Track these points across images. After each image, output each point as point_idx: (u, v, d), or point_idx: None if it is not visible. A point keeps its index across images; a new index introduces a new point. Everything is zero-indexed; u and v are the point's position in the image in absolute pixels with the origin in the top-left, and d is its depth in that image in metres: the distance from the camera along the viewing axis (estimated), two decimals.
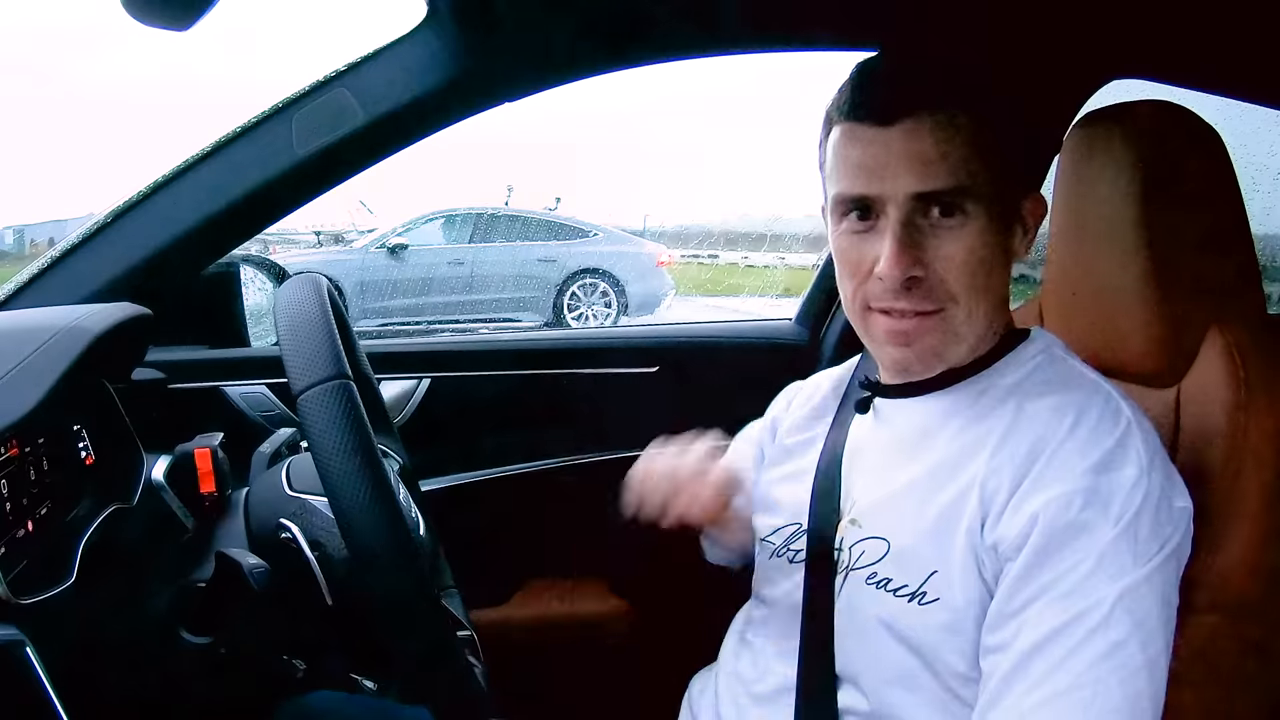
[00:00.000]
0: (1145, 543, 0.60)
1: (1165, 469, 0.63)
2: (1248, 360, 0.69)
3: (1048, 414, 0.66)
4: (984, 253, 0.67)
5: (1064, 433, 0.64)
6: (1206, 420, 0.70)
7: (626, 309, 6.36)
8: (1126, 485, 0.60)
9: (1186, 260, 0.73)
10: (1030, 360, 0.72)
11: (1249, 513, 0.66)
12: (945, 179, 0.65)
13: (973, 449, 0.67)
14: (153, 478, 0.87)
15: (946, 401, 0.72)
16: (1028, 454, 0.64)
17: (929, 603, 0.65)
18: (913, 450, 0.72)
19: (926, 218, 0.66)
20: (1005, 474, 0.64)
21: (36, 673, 0.65)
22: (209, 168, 1.07)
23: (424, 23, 1.05)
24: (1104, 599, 0.58)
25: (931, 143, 0.64)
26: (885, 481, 0.73)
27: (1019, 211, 0.71)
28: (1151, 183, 0.73)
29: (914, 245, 0.66)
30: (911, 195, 0.65)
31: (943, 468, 0.69)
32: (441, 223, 6.69)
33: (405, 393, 1.39)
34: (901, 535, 0.69)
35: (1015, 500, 0.63)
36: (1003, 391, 0.70)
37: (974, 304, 0.68)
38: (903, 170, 0.65)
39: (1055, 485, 0.62)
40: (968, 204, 0.65)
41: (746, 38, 1.22)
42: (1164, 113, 0.76)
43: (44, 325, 0.80)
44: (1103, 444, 0.62)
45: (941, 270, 0.66)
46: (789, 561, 0.79)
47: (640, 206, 14.73)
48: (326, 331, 0.67)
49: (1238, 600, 0.66)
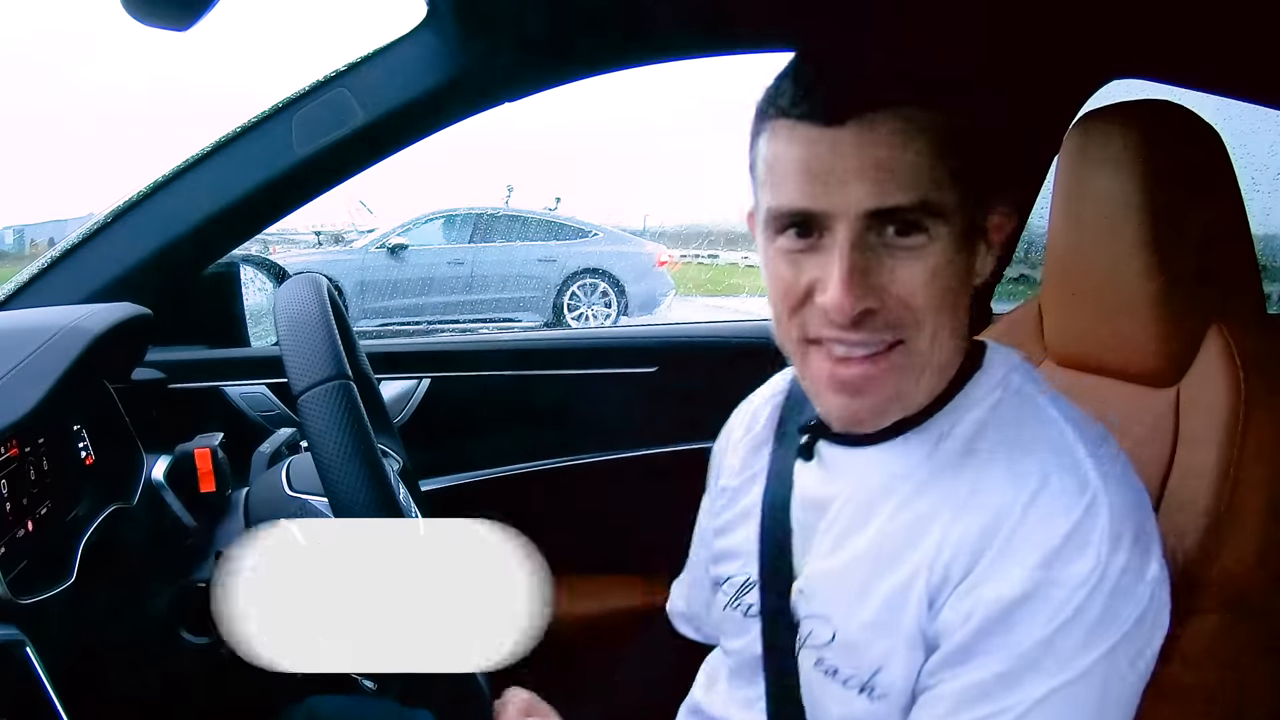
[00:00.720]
0: (1092, 633, 0.53)
1: (1135, 538, 0.55)
2: (1247, 360, 0.69)
3: (1005, 483, 0.57)
4: (948, 279, 0.56)
5: (1019, 511, 0.55)
6: (1206, 420, 0.70)
7: (626, 309, 6.36)
8: (1077, 578, 0.53)
9: (1186, 260, 0.73)
10: (990, 395, 0.62)
11: (1249, 512, 0.66)
12: (906, 192, 0.54)
13: (924, 524, 0.59)
14: (153, 478, 0.87)
15: (900, 456, 0.63)
16: (980, 536, 0.56)
17: (878, 697, 0.60)
18: (863, 516, 0.63)
19: (880, 236, 0.55)
20: (954, 561, 0.57)
21: (36, 673, 0.65)
22: (209, 168, 1.07)
23: (424, 23, 1.06)
24: (1020, 702, 0.53)
25: (890, 147, 0.53)
26: (832, 550, 0.64)
27: (984, 228, 0.60)
28: (1151, 182, 0.73)
29: (866, 271, 0.55)
30: (865, 212, 0.54)
31: (890, 543, 0.60)
32: (441, 223, 6.70)
33: (405, 393, 1.39)
34: (848, 623, 0.62)
35: (961, 590, 0.56)
36: (960, 443, 0.61)
37: (935, 339, 0.58)
38: (855, 181, 0.54)
39: (1000, 579, 0.54)
40: (930, 221, 0.55)
41: (748, 37, 1.22)
42: (1164, 112, 0.76)
43: (44, 325, 0.80)
44: (1058, 528, 0.54)
45: (899, 300, 0.56)
46: (743, 615, 0.72)
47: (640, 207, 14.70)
48: (326, 332, 0.67)
49: (1240, 599, 0.66)
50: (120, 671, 0.76)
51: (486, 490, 1.41)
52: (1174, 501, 0.69)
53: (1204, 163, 0.75)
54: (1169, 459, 0.71)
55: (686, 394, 1.43)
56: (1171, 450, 0.72)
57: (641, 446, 1.43)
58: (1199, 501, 0.67)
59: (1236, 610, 0.67)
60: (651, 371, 1.48)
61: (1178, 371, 0.73)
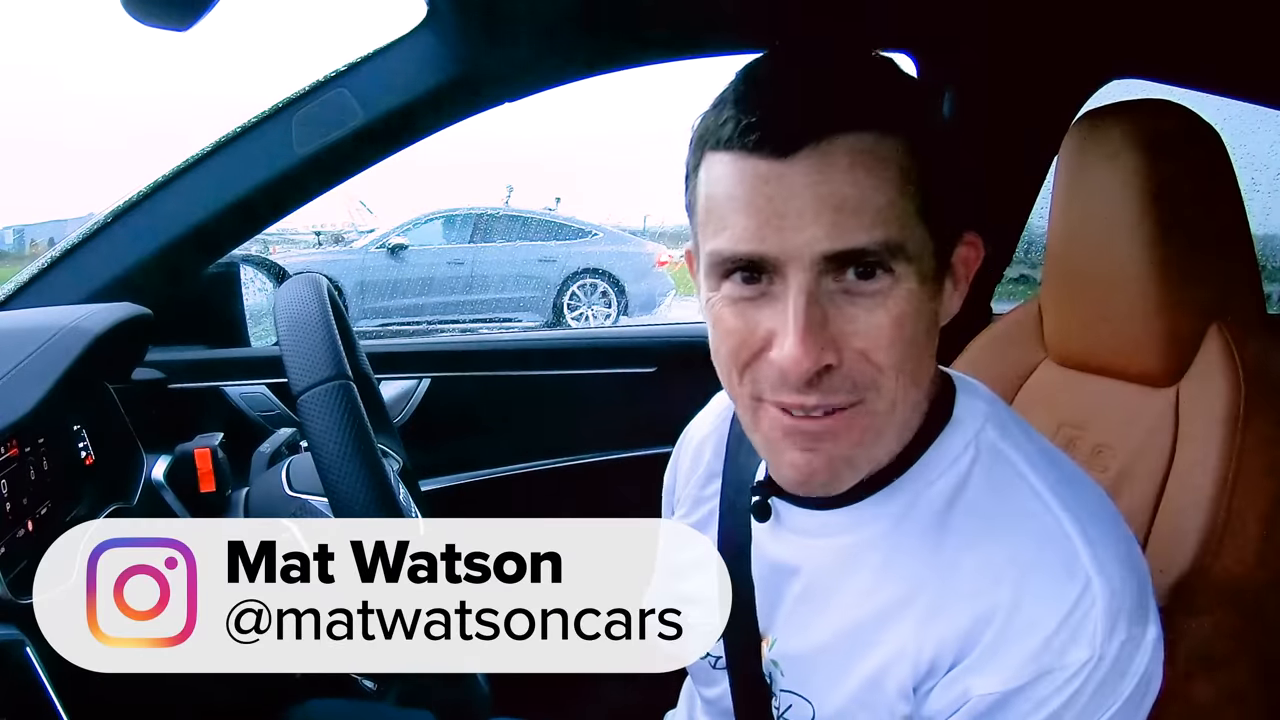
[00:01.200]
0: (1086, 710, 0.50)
1: (1131, 615, 0.51)
2: (1247, 360, 0.69)
3: (987, 575, 0.52)
4: (915, 328, 0.50)
5: (1008, 605, 0.51)
6: (1206, 419, 0.70)
7: (626, 309, 6.36)
8: (1073, 667, 0.49)
9: (1186, 260, 0.73)
10: (963, 455, 0.56)
11: (1249, 512, 0.66)
12: (869, 232, 0.47)
13: (900, 606, 0.55)
14: (153, 478, 0.87)
15: (865, 522, 0.57)
16: (968, 631, 0.52)
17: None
18: (831, 588, 0.58)
19: (839, 281, 0.49)
20: (940, 653, 0.53)
21: (36, 673, 0.65)
22: (209, 168, 1.07)
23: (424, 23, 1.06)
24: None
25: (849, 181, 0.47)
26: (804, 627, 0.60)
27: (950, 260, 0.54)
28: (1151, 182, 0.73)
29: (825, 323, 0.49)
30: (822, 255, 0.48)
31: (866, 625, 0.56)
32: (441, 223, 6.69)
33: (405, 393, 1.39)
34: (825, 704, 0.58)
35: (948, 679, 0.52)
36: (930, 514, 0.55)
37: (902, 390, 0.51)
38: (810, 221, 0.47)
39: (992, 674, 0.51)
40: (895, 263, 0.49)
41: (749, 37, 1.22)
42: (1164, 112, 0.76)
43: (44, 325, 0.80)
44: (1050, 622, 0.50)
45: (861, 351, 0.50)
46: (710, 666, 0.68)
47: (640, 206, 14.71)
48: (326, 332, 0.67)
49: (1238, 601, 0.66)
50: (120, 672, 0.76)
51: (486, 490, 1.41)
52: (1174, 501, 0.69)
53: (1204, 162, 0.75)
54: (1169, 459, 0.71)
55: (686, 394, 1.44)
56: (1171, 450, 0.72)
57: (641, 446, 1.43)
58: (1199, 501, 0.67)
59: (1236, 610, 0.67)
60: (651, 371, 1.48)
61: (1178, 371, 0.73)
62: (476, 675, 0.71)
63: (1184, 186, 0.73)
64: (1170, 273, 0.73)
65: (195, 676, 0.77)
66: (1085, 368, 0.83)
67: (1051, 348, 0.88)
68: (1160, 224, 0.73)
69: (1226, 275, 0.75)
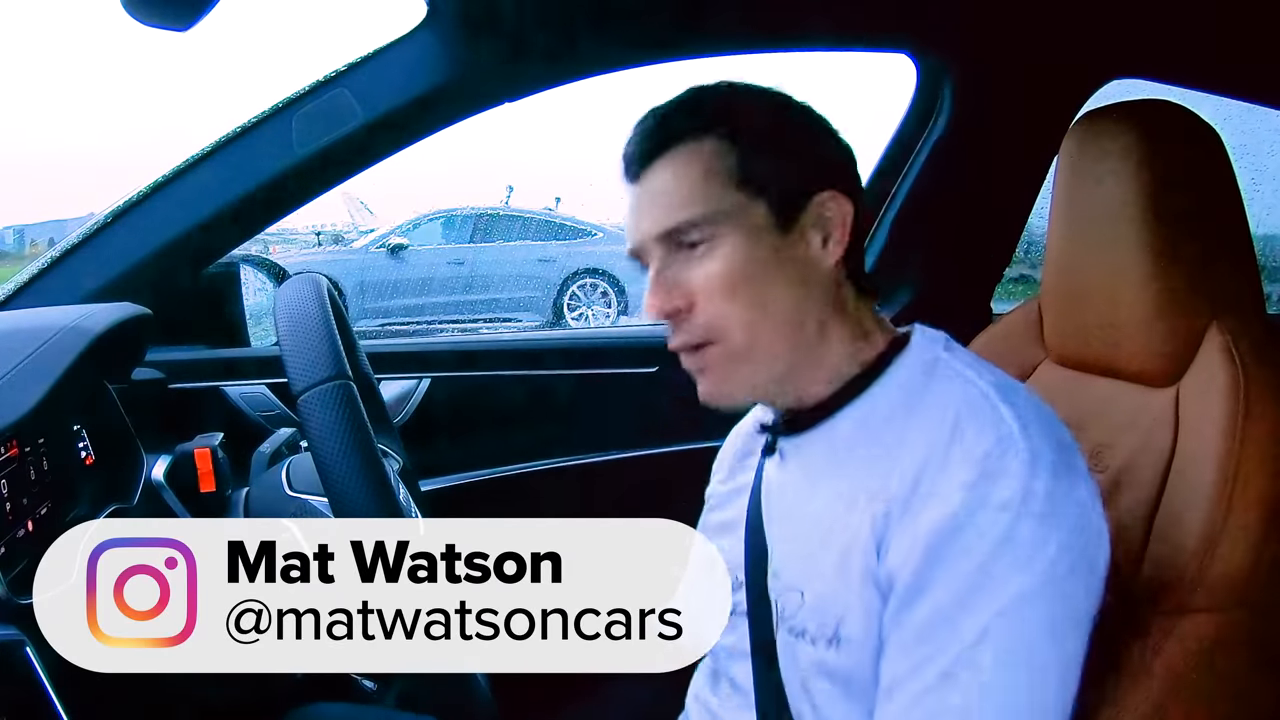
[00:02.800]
0: (1025, 557, 0.57)
1: (1054, 465, 0.59)
2: (1247, 360, 0.69)
3: (929, 427, 0.63)
4: (749, 266, 0.64)
5: (943, 446, 0.61)
6: (1206, 420, 0.70)
7: (626, 309, 6.36)
8: (999, 502, 0.57)
9: (1186, 260, 0.73)
10: (916, 372, 0.67)
11: (1249, 512, 0.66)
12: (680, 212, 0.65)
13: (862, 480, 0.65)
14: (153, 478, 0.87)
15: (834, 432, 0.68)
16: (914, 477, 0.61)
17: (844, 646, 0.64)
18: (810, 490, 0.69)
19: (677, 253, 0.66)
20: (891, 504, 0.62)
21: (37, 673, 0.65)
22: (209, 168, 1.07)
23: (424, 23, 1.06)
24: (968, 632, 0.57)
25: (667, 181, 0.66)
26: (792, 528, 0.70)
27: (799, 215, 0.66)
28: (1151, 183, 0.73)
29: (672, 280, 0.66)
30: (655, 236, 0.66)
31: (837, 504, 0.66)
32: (441, 223, 6.69)
33: (405, 393, 1.39)
34: (812, 584, 0.66)
35: (900, 528, 0.61)
36: (885, 412, 0.66)
37: (749, 324, 0.65)
38: (646, 216, 0.67)
39: (932, 507, 0.59)
40: (711, 229, 0.65)
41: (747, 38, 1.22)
42: (1164, 113, 0.76)
43: (44, 325, 0.80)
44: (978, 454, 0.59)
45: (703, 298, 0.65)
46: (731, 613, 0.75)
47: None
48: (326, 332, 0.67)
49: (1238, 601, 0.66)
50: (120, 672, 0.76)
51: (486, 490, 1.41)
52: (1173, 501, 0.69)
53: (1204, 163, 0.75)
54: (1169, 459, 0.71)
55: (686, 394, 1.43)
56: (1171, 450, 0.72)
57: (641, 446, 1.43)
58: (1198, 501, 0.67)
59: (1235, 610, 0.67)
60: (651, 371, 1.48)
61: (1178, 371, 0.73)
62: (477, 677, 0.71)
63: (1184, 187, 0.73)
64: (1170, 273, 0.73)
65: (195, 676, 0.77)
66: (1085, 368, 0.83)
67: (1051, 348, 0.88)
68: (1160, 224, 0.73)
69: (1226, 275, 0.75)
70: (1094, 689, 0.65)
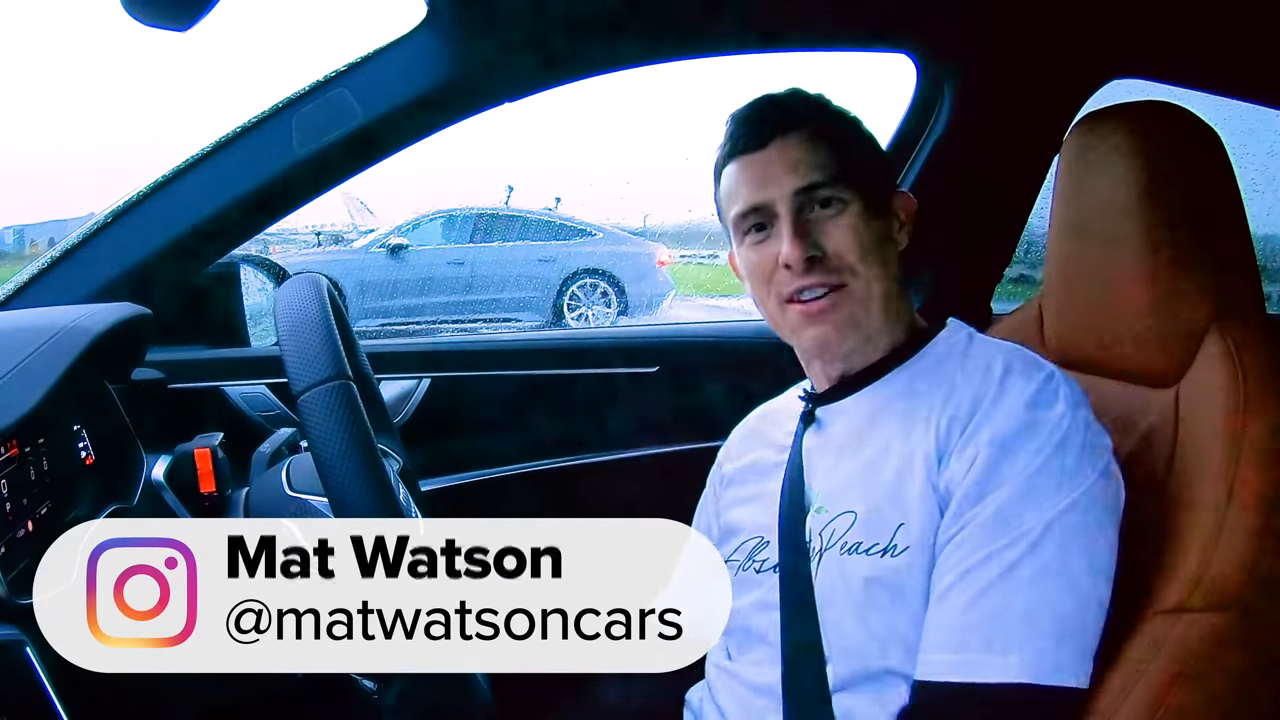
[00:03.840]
0: (1073, 473, 0.66)
1: (1089, 414, 0.69)
2: (1247, 360, 0.69)
3: (979, 374, 0.73)
4: (867, 234, 0.76)
5: (996, 384, 0.71)
6: (1206, 420, 0.70)
7: (626, 309, 6.36)
8: (1054, 419, 0.68)
9: (1186, 260, 0.73)
10: (951, 342, 0.78)
11: (1248, 512, 0.66)
12: (818, 173, 0.75)
13: (918, 416, 0.73)
14: (153, 478, 0.87)
15: (879, 392, 0.78)
16: (971, 403, 0.71)
17: (900, 553, 0.70)
18: (861, 438, 0.77)
19: (812, 211, 0.76)
20: (953, 423, 0.71)
21: (37, 673, 0.65)
22: (209, 167, 1.07)
23: (424, 23, 1.06)
24: (1033, 526, 0.65)
25: (800, 151, 0.76)
26: (843, 468, 0.77)
27: (890, 205, 0.79)
28: (1151, 183, 0.73)
29: (808, 232, 0.75)
30: (794, 191, 0.75)
31: (894, 439, 0.74)
32: (441, 223, 6.68)
33: (405, 393, 1.39)
34: (866, 502, 0.73)
35: (962, 441, 0.70)
36: (931, 371, 0.76)
37: (871, 278, 0.75)
38: (783, 175, 0.76)
39: (995, 423, 0.69)
40: (843, 192, 0.75)
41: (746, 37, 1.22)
42: (1164, 113, 0.76)
43: (44, 325, 0.80)
44: (1031, 387, 0.70)
45: (835, 250, 0.75)
46: (755, 572, 0.80)
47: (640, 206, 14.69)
48: (326, 332, 0.67)
49: (1237, 600, 0.66)
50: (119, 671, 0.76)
51: (486, 490, 1.41)
52: (1173, 501, 0.69)
53: (1204, 163, 0.75)
54: (1169, 459, 0.72)
55: (686, 394, 1.44)
56: (1171, 450, 0.72)
57: (641, 446, 1.43)
58: (1198, 501, 0.67)
59: (1234, 610, 0.67)
60: (651, 371, 1.48)
61: (1178, 372, 0.74)
62: (477, 677, 0.71)
63: (1184, 187, 0.73)
64: (1170, 273, 0.73)
65: (195, 676, 0.77)
66: (1085, 368, 0.83)
67: (1052, 348, 0.88)
68: (1160, 224, 0.73)
69: (1226, 275, 0.75)
70: (1093, 688, 0.65)
